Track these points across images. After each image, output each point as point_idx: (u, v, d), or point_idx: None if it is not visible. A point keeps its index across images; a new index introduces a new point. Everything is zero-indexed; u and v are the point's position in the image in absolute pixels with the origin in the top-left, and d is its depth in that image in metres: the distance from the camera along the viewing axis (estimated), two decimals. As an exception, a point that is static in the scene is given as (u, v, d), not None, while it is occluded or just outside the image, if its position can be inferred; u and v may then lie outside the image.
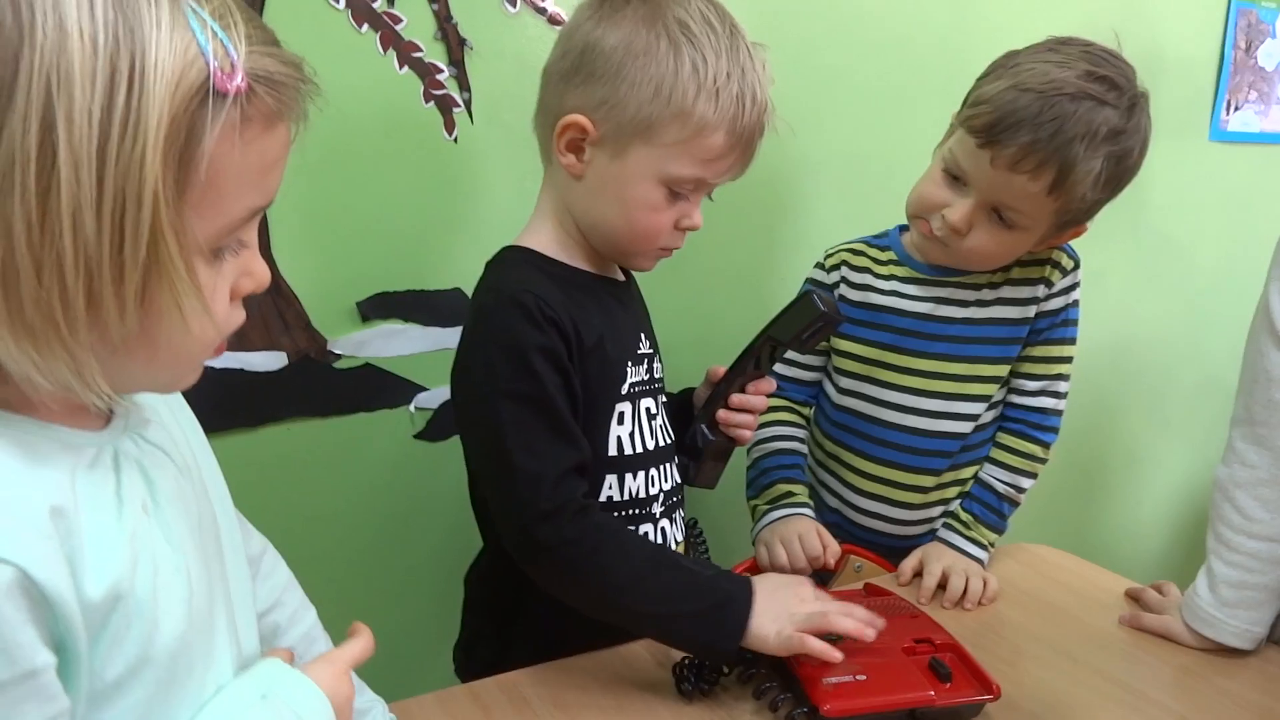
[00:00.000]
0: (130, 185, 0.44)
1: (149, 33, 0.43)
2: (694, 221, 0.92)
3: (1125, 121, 0.99)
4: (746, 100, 0.86)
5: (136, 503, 0.53)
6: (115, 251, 0.44)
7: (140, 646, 0.52)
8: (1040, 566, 1.19)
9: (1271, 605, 1.00)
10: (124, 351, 0.48)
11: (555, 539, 0.84)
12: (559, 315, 0.86)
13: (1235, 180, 1.88)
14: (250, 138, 0.48)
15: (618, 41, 0.84)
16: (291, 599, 0.79)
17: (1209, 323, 1.93)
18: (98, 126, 0.42)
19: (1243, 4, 1.79)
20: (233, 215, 0.50)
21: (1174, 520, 2.03)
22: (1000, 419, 1.18)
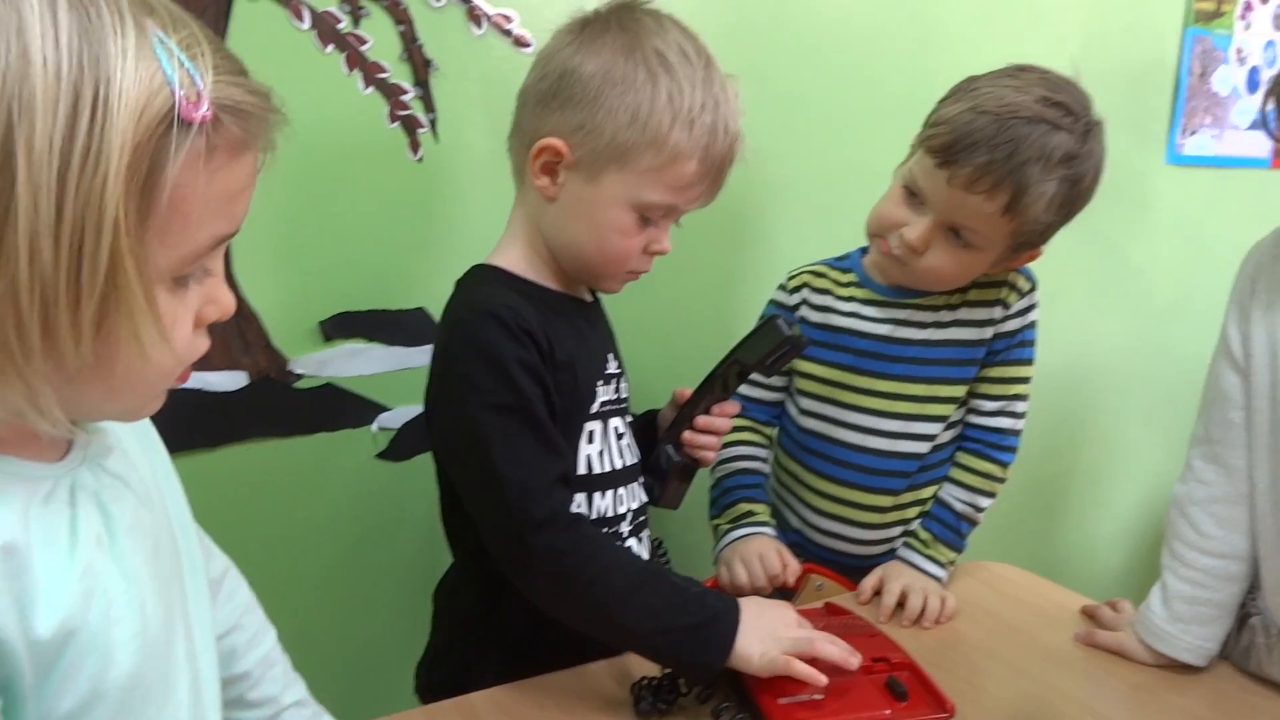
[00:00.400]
0: (90, 213, 0.43)
1: (114, 61, 0.43)
2: (663, 247, 0.93)
3: (1079, 146, 1.01)
4: (719, 130, 0.88)
5: (92, 537, 0.53)
6: (73, 280, 0.44)
7: (93, 681, 0.51)
8: (998, 584, 1.20)
9: (1224, 622, 1.02)
10: (80, 380, 0.47)
11: (549, 549, 0.84)
12: (534, 329, 0.87)
13: (1191, 203, 1.91)
14: (216, 166, 0.48)
15: (596, 69, 0.86)
16: (251, 621, 0.79)
17: (1167, 343, 1.96)
18: (58, 154, 0.42)
19: (1197, 31, 1.83)
20: (197, 243, 0.50)
21: (1131, 538, 2.06)
22: (959, 439, 1.19)
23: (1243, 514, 1.00)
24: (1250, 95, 1.93)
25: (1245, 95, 1.92)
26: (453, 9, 1.13)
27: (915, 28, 1.49)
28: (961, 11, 1.52)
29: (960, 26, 1.51)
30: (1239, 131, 1.94)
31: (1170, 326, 1.95)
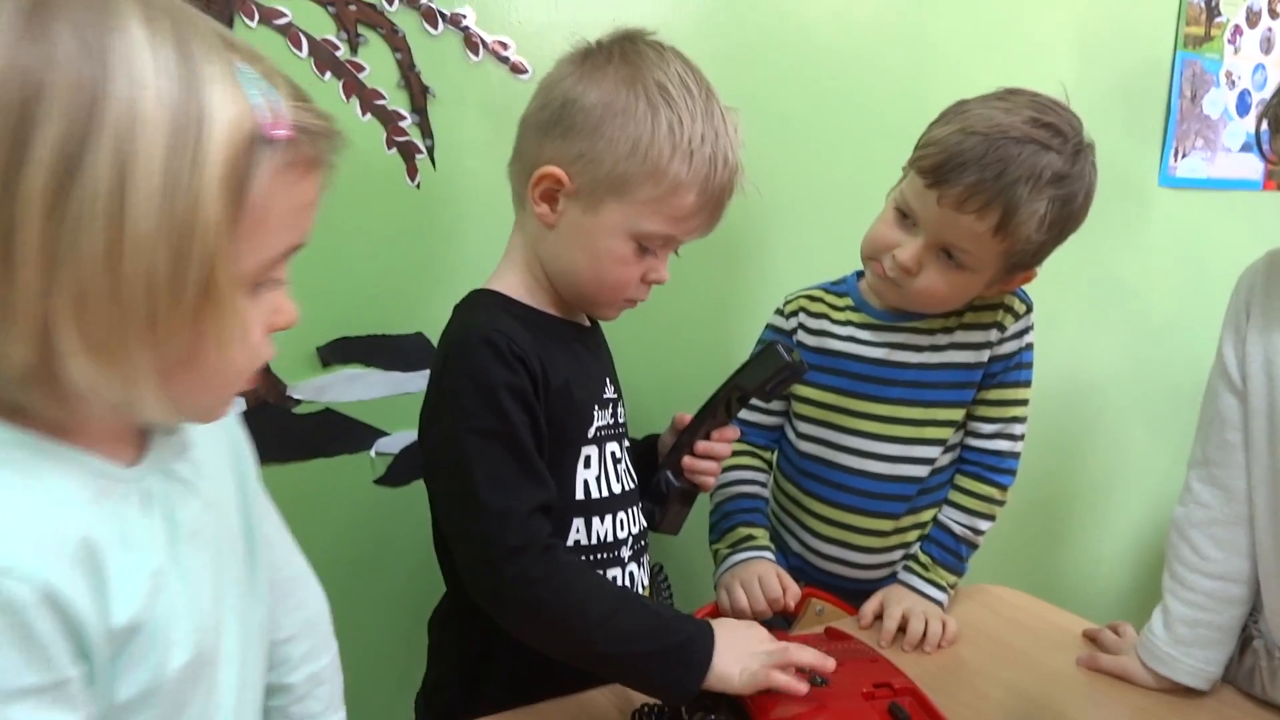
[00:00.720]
0: (190, 217, 0.48)
1: (208, 88, 0.49)
2: (660, 276, 0.94)
3: (1069, 167, 1.02)
4: (719, 162, 0.89)
5: (159, 539, 0.58)
6: (174, 276, 0.49)
7: (152, 674, 0.56)
8: (999, 608, 1.20)
9: (1226, 645, 1.01)
10: (172, 374, 0.52)
11: (521, 577, 0.83)
12: (527, 355, 0.87)
13: (1184, 224, 1.92)
14: (291, 180, 0.54)
15: (598, 99, 0.87)
16: (311, 635, 0.80)
17: (1163, 363, 1.96)
18: (165, 165, 0.48)
19: (1187, 55, 1.85)
20: (273, 251, 0.55)
21: (1132, 560, 2.05)
22: (958, 462, 1.19)
23: (1243, 536, 1.00)
24: (1241, 118, 1.95)
25: (1236, 118, 1.94)
26: (450, 36, 1.14)
27: (909, 53, 1.50)
28: (955, 37, 1.53)
29: (954, 51, 1.52)
30: (1230, 154, 1.95)
31: (1166, 347, 1.95)
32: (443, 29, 1.13)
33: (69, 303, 0.48)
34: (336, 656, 0.83)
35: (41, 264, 0.47)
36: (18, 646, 0.49)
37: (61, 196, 0.47)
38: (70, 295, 0.48)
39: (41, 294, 0.48)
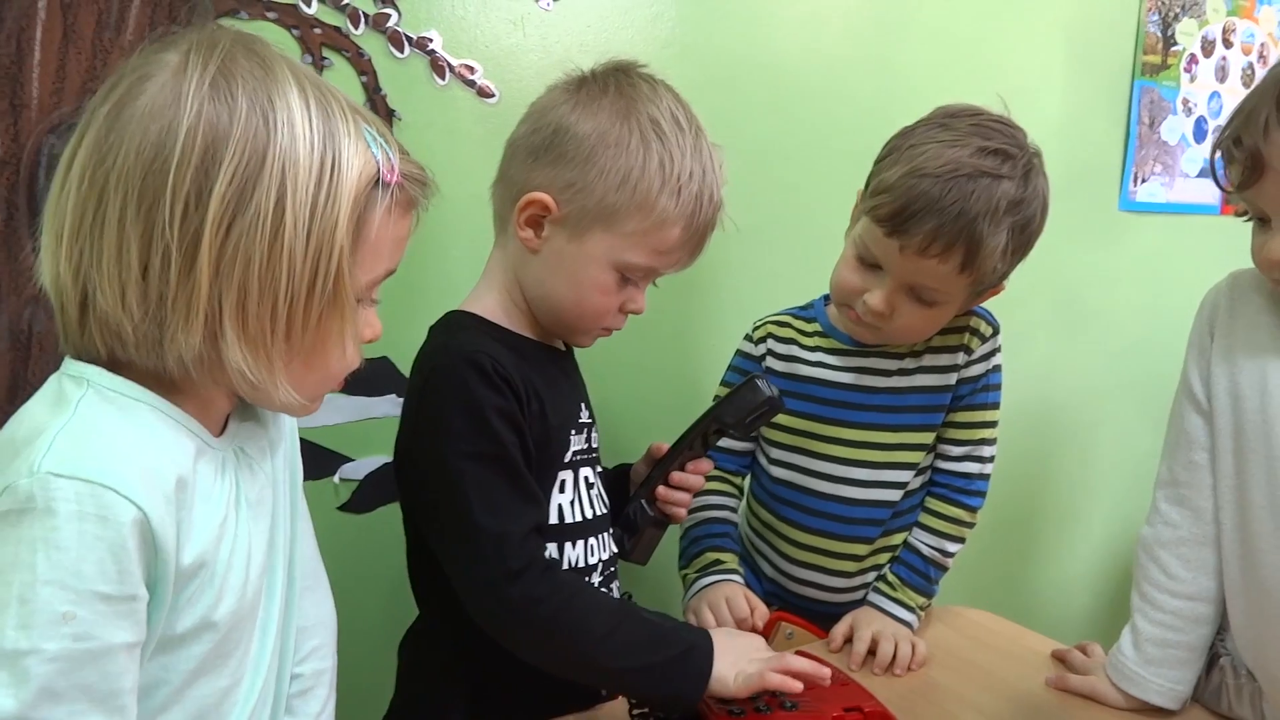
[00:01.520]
0: (326, 239, 0.62)
1: (342, 140, 0.64)
2: (638, 306, 0.95)
3: (1023, 190, 1.02)
4: (704, 199, 0.91)
5: (230, 497, 0.68)
6: (311, 285, 0.63)
7: (206, 611, 0.65)
8: (969, 629, 1.20)
9: (1195, 664, 1.02)
10: (298, 362, 0.65)
11: (525, 598, 0.83)
12: (512, 376, 0.87)
13: (1145, 248, 1.95)
14: (396, 218, 0.68)
15: (591, 129, 0.88)
16: (322, 633, 0.85)
17: (1127, 385, 1.99)
18: (311, 197, 0.62)
19: (1145, 83, 1.88)
20: (376, 274, 0.69)
21: (1101, 580, 2.06)
22: (928, 484, 1.19)
23: (1210, 555, 1.00)
24: (1198, 144, 1.99)
25: (1193, 144, 1.98)
26: (415, 60, 1.14)
27: (876, 80, 1.51)
28: (920, 65, 1.55)
29: (919, 79, 1.54)
30: (1188, 179, 1.99)
31: (1130, 368, 1.98)
32: (409, 52, 1.13)
33: (233, 302, 0.61)
34: (335, 670, 0.86)
35: (215, 270, 0.60)
36: (109, 554, 0.57)
37: (234, 219, 0.60)
38: (235, 296, 0.61)
39: (213, 294, 0.61)
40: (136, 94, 0.61)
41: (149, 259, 0.60)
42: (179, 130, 0.59)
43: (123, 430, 0.62)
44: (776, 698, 0.89)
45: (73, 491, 0.57)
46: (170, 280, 0.60)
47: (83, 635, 0.57)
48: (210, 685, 0.68)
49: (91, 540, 0.57)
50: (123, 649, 0.59)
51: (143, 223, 0.60)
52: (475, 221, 0.99)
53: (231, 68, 0.62)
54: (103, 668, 0.58)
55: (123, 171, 0.60)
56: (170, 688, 0.65)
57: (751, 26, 1.39)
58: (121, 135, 0.60)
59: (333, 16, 1.08)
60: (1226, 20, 1.97)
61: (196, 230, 0.60)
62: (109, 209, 0.60)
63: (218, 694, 0.68)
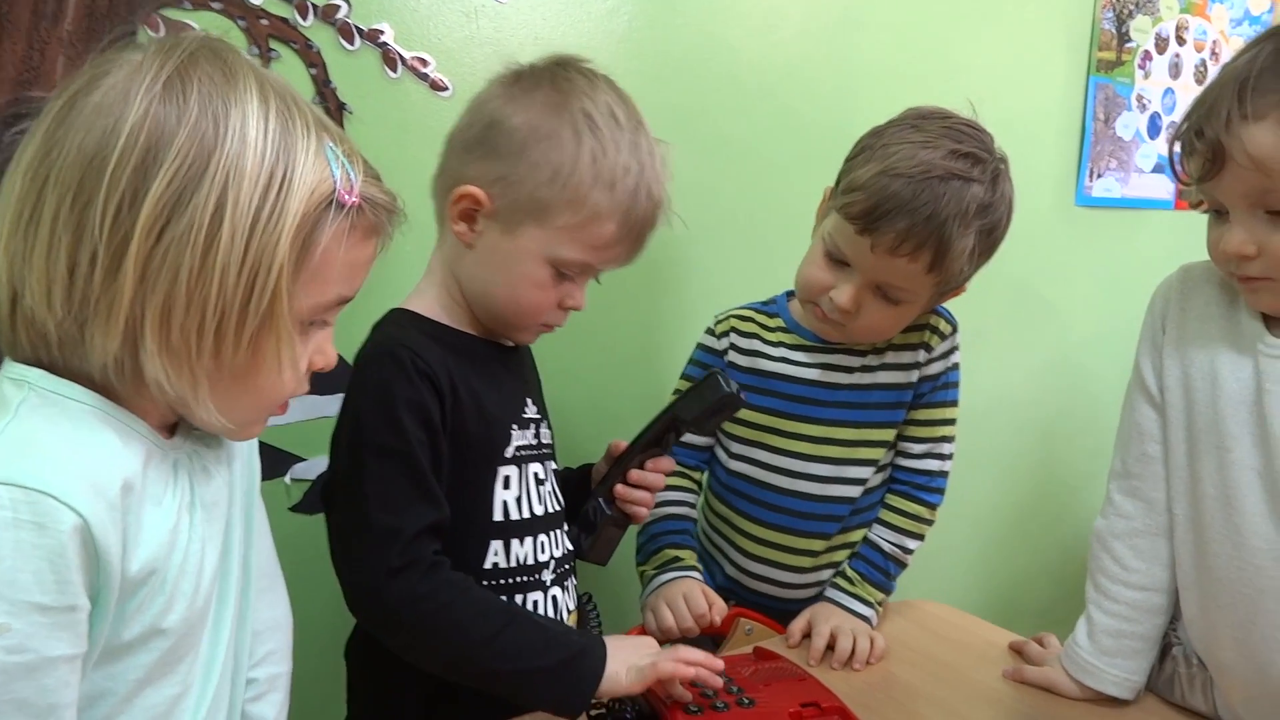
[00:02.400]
0: (265, 255, 0.60)
1: (298, 154, 0.61)
2: (577, 303, 0.94)
3: (991, 195, 1.03)
4: (641, 195, 0.89)
5: (183, 501, 0.67)
6: (244, 302, 0.60)
7: (155, 618, 0.64)
8: (928, 623, 1.20)
9: (1148, 654, 1.03)
10: (229, 383, 0.63)
11: (406, 596, 0.82)
12: (434, 371, 0.86)
13: (1100, 243, 1.97)
14: (352, 242, 0.65)
15: (523, 122, 0.87)
16: (276, 637, 0.84)
17: (1083, 379, 2.01)
18: (254, 209, 0.59)
19: (1100, 79, 1.90)
20: (326, 298, 0.66)
21: (1058, 572, 2.09)
22: (888, 481, 1.20)
23: (1163, 546, 1.01)
24: (1152, 140, 2.01)
25: (1147, 140, 2.00)
26: (367, 52, 1.12)
27: (835, 73, 1.51)
28: (879, 57, 1.56)
29: (878, 71, 1.55)
30: (1143, 175, 2.01)
31: (1086, 362, 2.00)
32: (360, 45, 1.11)
33: (156, 311, 0.59)
34: (290, 674, 0.84)
35: (141, 275, 0.58)
36: (46, 564, 0.56)
37: (167, 224, 0.58)
38: (158, 305, 0.59)
39: (136, 300, 0.59)
40: (90, 90, 0.59)
41: (77, 258, 0.58)
42: (122, 128, 0.58)
43: (64, 434, 0.60)
44: (734, 694, 0.89)
45: (8, 498, 0.55)
46: (95, 281, 0.59)
47: (17, 648, 0.55)
48: (159, 694, 0.66)
49: (28, 549, 0.55)
50: (61, 661, 0.57)
51: (75, 221, 0.58)
52: (428, 218, 0.97)
53: (190, 70, 0.60)
54: (39, 681, 0.56)
55: (63, 167, 0.58)
56: (116, 698, 0.64)
57: (709, 21, 1.38)
58: (68, 131, 0.58)
59: (280, 7, 1.06)
60: (1179, 17, 2.00)
61: (127, 233, 0.58)
62: (46, 205, 0.58)
63: (167, 702, 0.67)
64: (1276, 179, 0.83)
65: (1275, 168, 0.83)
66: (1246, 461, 0.91)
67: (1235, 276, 0.91)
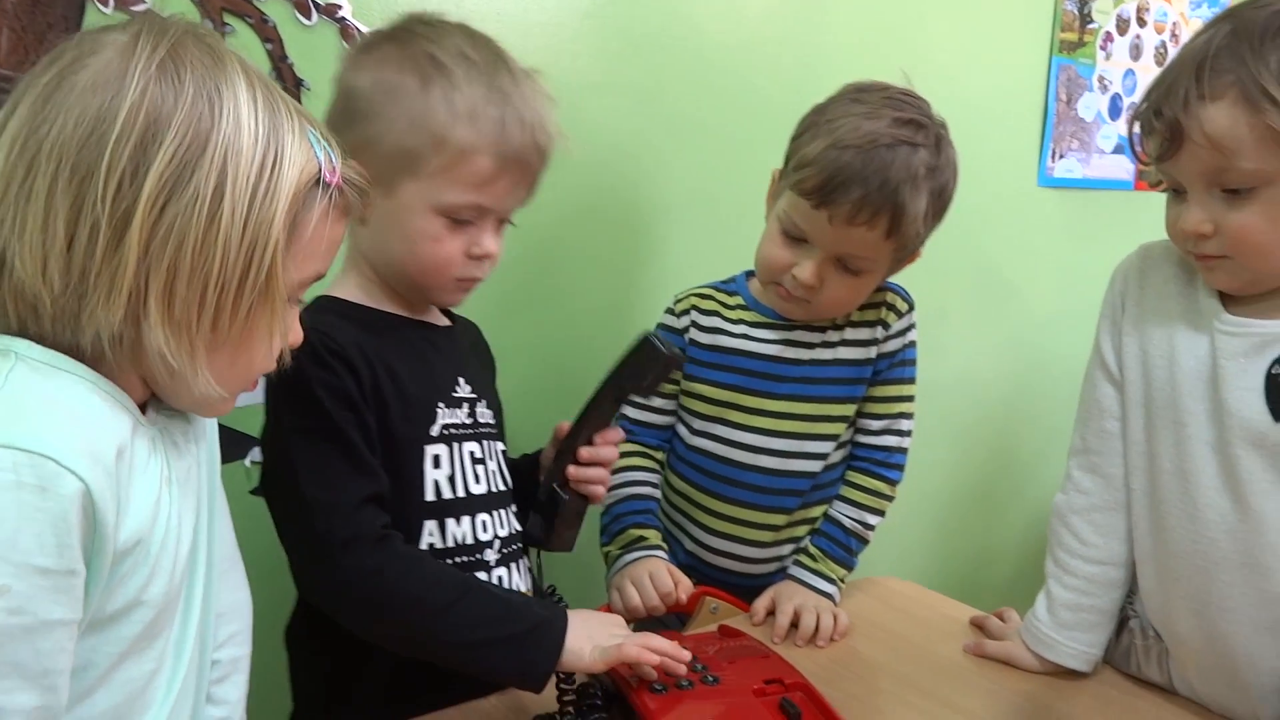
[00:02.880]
0: (263, 231, 0.62)
1: (286, 135, 0.64)
2: (485, 249, 0.91)
3: (937, 158, 1.06)
4: (510, 123, 0.87)
5: (162, 474, 0.67)
6: (243, 275, 0.62)
7: (138, 590, 0.64)
8: (890, 599, 1.21)
9: (1106, 627, 1.04)
10: (221, 354, 0.64)
11: (356, 571, 0.81)
12: (347, 352, 0.86)
13: (1062, 223, 1.99)
14: (332, 220, 0.68)
15: (370, 83, 0.87)
16: (238, 619, 0.83)
17: (1045, 358, 2.03)
18: (251, 188, 0.62)
19: (1062, 60, 1.91)
20: (307, 274, 0.69)
21: (1018, 548, 2.12)
22: (848, 458, 1.20)
23: (1121, 521, 1.02)
24: (1113, 121, 2.03)
25: (1108, 121, 2.02)
26: (325, 27, 1.10)
27: (798, 50, 1.51)
28: (844, 34, 1.56)
29: (842, 48, 1.55)
30: (1104, 155, 2.03)
31: (1047, 341, 2.02)
32: (317, 19, 1.09)
33: (160, 284, 0.61)
34: (249, 660, 0.84)
35: (145, 249, 0.60)
36: (48, 527, 0.56)
37: (170, 199, 0.60)
38: (163, 277, 0.60)
39: (140, 274, 0.60)
40: (79, 68, 0.60)
41: (76, 231, 0.59)
42: (121, 105, 0.59)
43: (59, 400, 0.61)
44: (698, 672, 0.89)
45: (10, 461, 0.55)
46: (96, 255, 0.59)
47: (16, 609, 0.56)
48: (138, 668, 0.67)
49: (31, 511, 0.56)
50: (59, 626, 0.58)
51: (73, 194, 0.59)
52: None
53: (181, 53, 0.62)
54: (36, 644, 0.57)
55: (57, 141, 0.59)
56: (98, 670, 0.64)
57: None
58: (60, 106, 0.59)
59: (234, -20, 1.04)
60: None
61: (129, 207, 0.59)
62: (38, 178, 0.59)
63: (144, 677, 0.67)
64: (1232, 158, 0.84)
65: (1231, 147, 0.83)
66: (1201, 436, 0.93)
67: (1193, 255, 0.92)
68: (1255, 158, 0.83)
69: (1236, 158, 0.84)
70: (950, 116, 1.12)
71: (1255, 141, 0.82)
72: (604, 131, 1.36)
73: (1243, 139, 0.83)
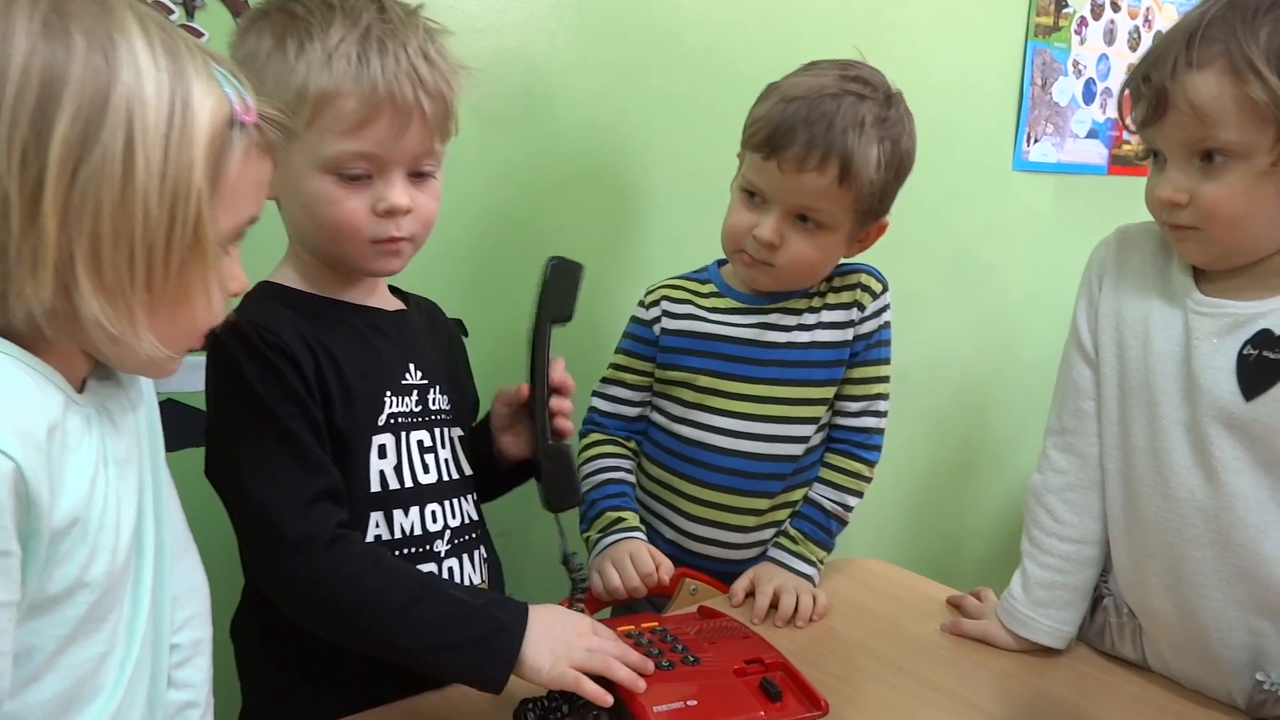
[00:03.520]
0: (182, 181, 0.60)
1: (192, 79, 0.61)
2: (392, 203, 0.85)
3: (886, 110, 1.08)
4: (371, 58, 0.81)
5: (98, 454, 0.65)
6: (169, 229, 0.60)
7: (79, 571, 0.63)
8: (869, 580, 1.22)
9: (1080, 605, 1.05)
10: (161, 313, 0.62)
11: (307, 571, 0.79)
12: (286, 342, 0.83)
13: (1037, 207, 2.01)
14: (255, 160, 0.66)
15: (241, 57, 0.84)
16: (196, 602, 0.81)
17: (1021, 340, 2.04)
18: (163, 139, 0.59)
19: (1038, 44, 1.92)
20: (238, 220, 0.66)
21: (995, 528, 2.14)
22: (827, 440, 1.21)
23: (1095, 500, 1.03)
24: (1087, 105, 2.04)
25: (1083, 105, 2.03)
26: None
27: (773, 36, 1.51)
28: (821, 17, 1.55)
29: (820, 32, 1.54)
30: (1078, 140, 2.05)
31: (1022, 324, 2.04)
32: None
33: (85, 251, 0.58)
34: (211, 642, 0.82)
35: (62, 219, 0.57)
36: None
37: (80, 163, 0.57)
38: (87, 244, 0.58)
39: (62, 243, 0.58)
40: None
41: None
42: (8, 70, 0.56)
43: None
44: (679, 653, 0.89)
45: None
46: (13, 229, 0.57)
47: None
48: (85, 652, 0.65)
49: None
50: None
51: None
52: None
53: (65, 5, 0.58)
54: None
55: None
56: (44, 655, 0.63)
57: (651, -22, 1.36)
58: None
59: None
60: (1114, -17, 2.03)
61: (38, 176, 0.57)
62: None
63: (93, 660, 0.66)
64: (1213, 128, 0.85)
65: (1213, 116, 0.85)
66: (1174, 416, 0.94)
67: (1167, 225, 0.93)
68: (1235, 129, 0.84)
69: (1217, 127, 0.85)
70: (926, 100, 1.13)
71: (1237, 113, 0.84)
72: (583, 112, 1.35)
73: (1225, 109, 0.84)
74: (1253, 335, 0.89)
